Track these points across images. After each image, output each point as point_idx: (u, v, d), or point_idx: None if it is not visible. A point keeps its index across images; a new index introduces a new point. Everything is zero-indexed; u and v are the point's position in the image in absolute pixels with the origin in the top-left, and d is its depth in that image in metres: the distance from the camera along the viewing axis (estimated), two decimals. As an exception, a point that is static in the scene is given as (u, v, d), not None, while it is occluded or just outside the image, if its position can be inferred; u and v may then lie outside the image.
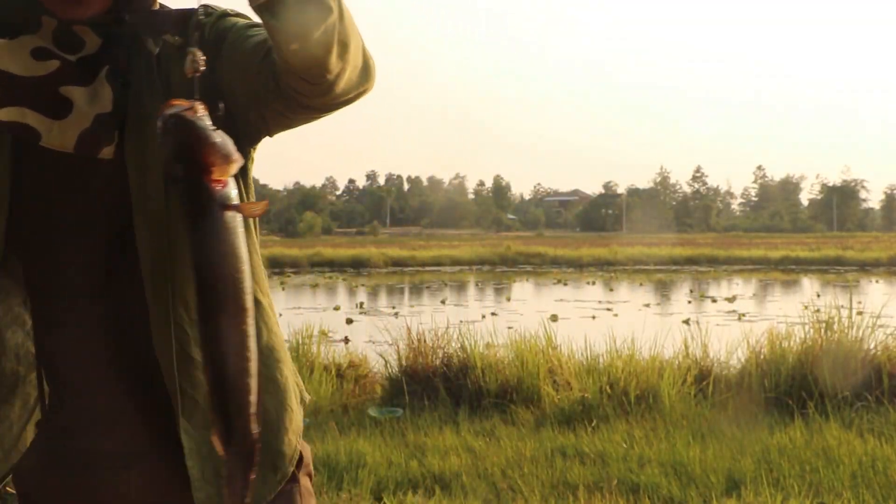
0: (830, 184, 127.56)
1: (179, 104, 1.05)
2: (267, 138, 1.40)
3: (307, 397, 1.48)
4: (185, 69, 1.13)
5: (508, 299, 20.12)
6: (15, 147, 1.31)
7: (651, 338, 6.77)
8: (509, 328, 7.56)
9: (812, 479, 4.41)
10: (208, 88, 1.22)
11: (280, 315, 1.60)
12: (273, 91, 1.19)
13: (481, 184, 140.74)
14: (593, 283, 25.53)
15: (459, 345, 6.57)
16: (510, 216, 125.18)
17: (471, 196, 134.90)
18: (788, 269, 31.88)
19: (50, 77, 1.26)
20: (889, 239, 56.87)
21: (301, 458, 1.40)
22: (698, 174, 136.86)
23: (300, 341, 7.09)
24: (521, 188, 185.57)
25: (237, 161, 1.06)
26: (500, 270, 34.03)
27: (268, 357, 1.40)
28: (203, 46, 1.26)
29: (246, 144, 1.36)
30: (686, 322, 10.69)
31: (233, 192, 1.07)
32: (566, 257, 38.54)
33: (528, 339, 6.68)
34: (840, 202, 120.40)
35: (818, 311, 7.26)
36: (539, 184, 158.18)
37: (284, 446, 1.37)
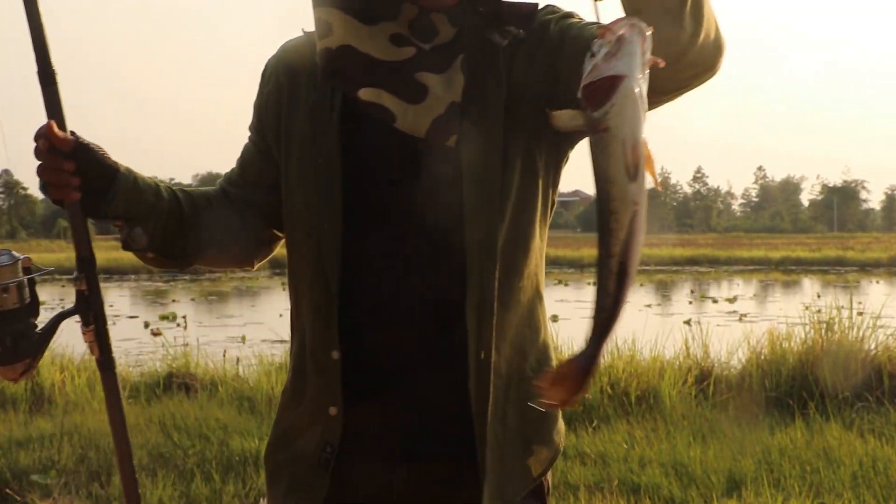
0: (831, 184, 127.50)
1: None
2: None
3: None
4: None
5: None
6: (360, 127, 1.33)
7: (652, 338, 6.77)
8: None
9: (813, 480, 4.41)
10: (550, 84, 1.29)
11: (280, 316, 1.63)
12: None
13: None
14: (594, 284, 25.43)
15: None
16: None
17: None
18: (789, 270, 31.84)
19: (406, 63, 1.30)
20: (889, 239, 56.79)
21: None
22: (699, 175, 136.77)
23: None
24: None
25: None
26: (500, 271, 33.89)
27: (542, 353, 1.41)
28: (547, 43, 1.32)
29: (568, 147, 1.41)
30: (687, 322, 10.68)
31: None
32: (567, 258, 38.47)
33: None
34: (840, 203, 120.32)
35: (819, 311, 7.26)
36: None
37: (537, 443, 1.39)
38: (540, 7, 1.37)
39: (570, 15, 1.36)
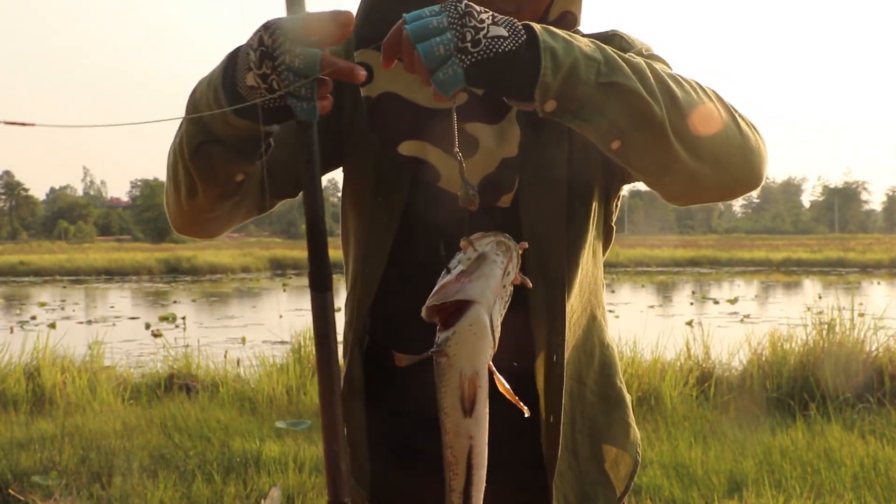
0: (832, 185, 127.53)
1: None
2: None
3: (629, 397, 1.44)
4: (460, 201, 1.00)
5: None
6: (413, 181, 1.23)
7: (653, 339, 6.77)
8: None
9: (814, 481, 4.40)
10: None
11: (281, 317, 1.60)
12: None
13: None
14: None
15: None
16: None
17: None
18: (790, 271, 31.83)
19: (456, 111, 1.14)
20: (890, 240, 56.79)
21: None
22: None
23: (302, 343, 7.09)
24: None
25: None
26: (501, 272, 33.90)
27: (598, 373, 1.36)
28: None
29: (622, 183, 1.32)
30: (688, 323, 10.68)
31: None
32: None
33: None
34: (842, 204, 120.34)
35: (820, 312, 7.26)
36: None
37: (612, 462, 1.33)
38: (613, 38, 1.26)
39: (641, 56, 1.23)
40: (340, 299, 1.38)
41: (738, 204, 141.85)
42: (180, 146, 1.12)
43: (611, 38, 1.26)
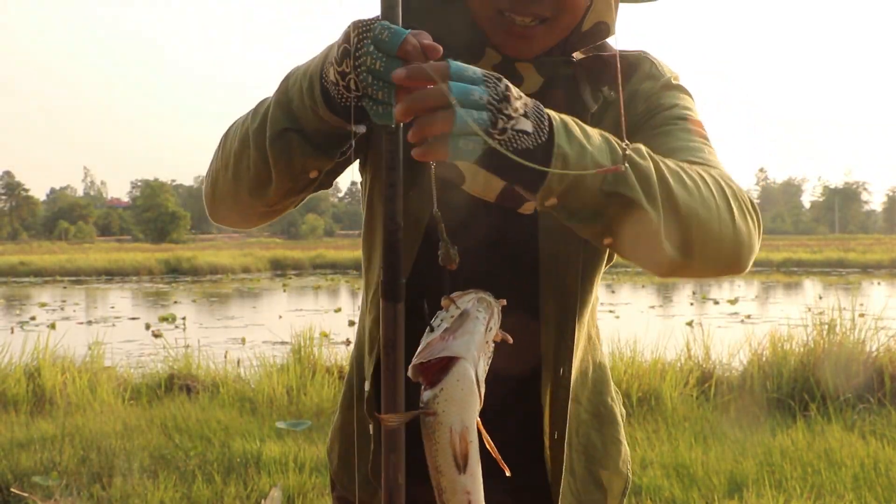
0: (832, 186, 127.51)
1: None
2: None
3: (624, 413, 1.44)
4: (440, 260, 1.00)
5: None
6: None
7: (653, 340, 6.77)
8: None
9: (814, 481, 4.40)
10: None
11: (280, 317, 1.60)
12: None
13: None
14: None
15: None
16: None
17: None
18: (790, 272, 31.83)
19: None
20: (891, 241, 56.77)
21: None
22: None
23: (302, 343, 7.09)
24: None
25: None
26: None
27: (591, 392, 1.37)
28: (630, 118, 1.20)
29: None
30: (688, 324, 10.68)
31: None
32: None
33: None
34: (842, 204, 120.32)
35: (820, 313, 7.26)
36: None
37: (606, 480, 1.34)
38: (642, 62, 1.25)
39: (669, 85, 1.25)
40: (340, 301, 1.37)
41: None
42: (260, 130, 1.09)
43: (640, 60, 1.26)
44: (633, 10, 1.35)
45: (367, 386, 1.29)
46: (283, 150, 1.08)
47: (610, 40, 1.27)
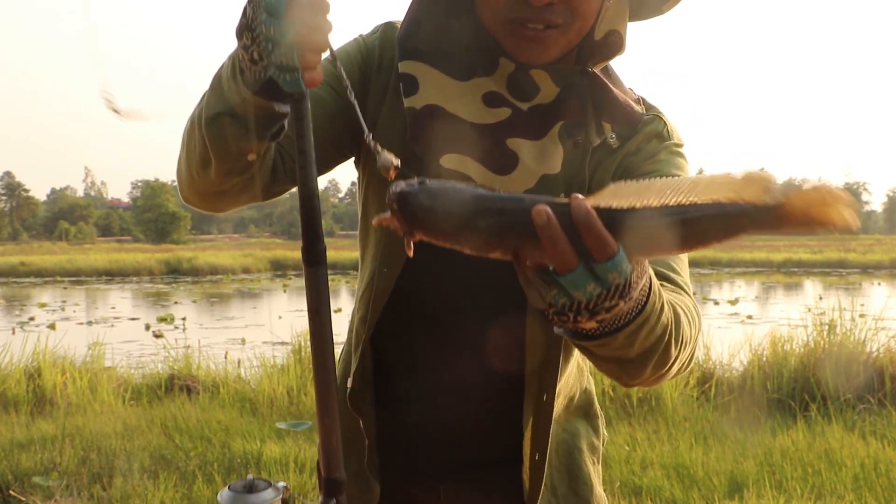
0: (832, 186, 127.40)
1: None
2: None
3: (606, 437, 1.45)
4: (378, 168, 0.99)
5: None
6: None
7: (653, 340, 6.76)
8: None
9: (814, 482, 4.40)
10: None
11: (280, 318, 1.60)
12: None
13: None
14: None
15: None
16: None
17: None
18: (791, 272, 31.82)
19: (499, 126, 1.15)
20: (891, 241, 56.74)
21: None
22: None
23: (302, 344, 7.09)
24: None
25: None
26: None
27: (574, 415, 1.38)
28: (626, 175, 1.17)
29: None
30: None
31: None
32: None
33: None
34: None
35: (821, 313, 7.25)
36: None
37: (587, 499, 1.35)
38: (655, 121, 1.23)
39: (673, 154, 1.22)
40: (340, 301, 1.37)
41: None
42: (199, 114, 1.10)
43: (652, 121, 1.24)
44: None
45: (349, 383, 1.30)
46: (217, 134, 1.08)
47: (624, 78, 1.25)
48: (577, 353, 1.32)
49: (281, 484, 1.03)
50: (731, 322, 12.96)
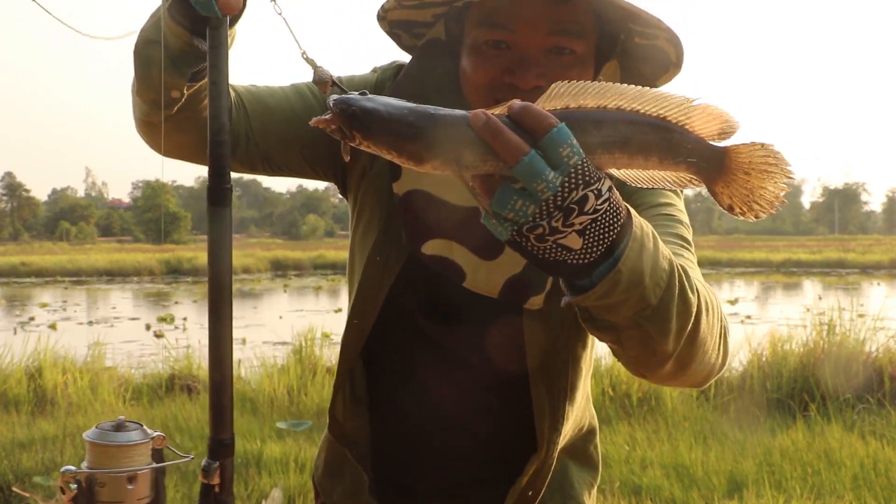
0: (832, 187, 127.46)
1: None
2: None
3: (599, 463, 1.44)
4: (314, 80, 0.98)
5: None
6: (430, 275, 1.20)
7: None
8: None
9: (814, 482, 4.41)
10: None
11: (281, 318, 1.61)
12: None
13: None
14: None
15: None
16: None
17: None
18: (790, 272, 31.80)
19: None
20: (891, 241, 56.76)
21: None
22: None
23: (303, 344, 7.10)
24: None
25: None
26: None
27: (577, 438, 1.37)
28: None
29: None
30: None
31: None
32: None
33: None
34: (842, 205, 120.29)
35: (820, 313, 7.26)
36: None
37: None
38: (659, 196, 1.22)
39: (662, 205, 1.21)
40: (340, 301, 1.38)
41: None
42: (139, 36, 1.09)
43: (658, 193, 1.23)
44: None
45: (339, 403, 1.34)
46: (145, 61, 1.07)
47: None
48: (583, 379, 1.30)
49: (156, 433, 1.00)
50: (731, 322, 12.79)
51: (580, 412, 1.34)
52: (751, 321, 12.78)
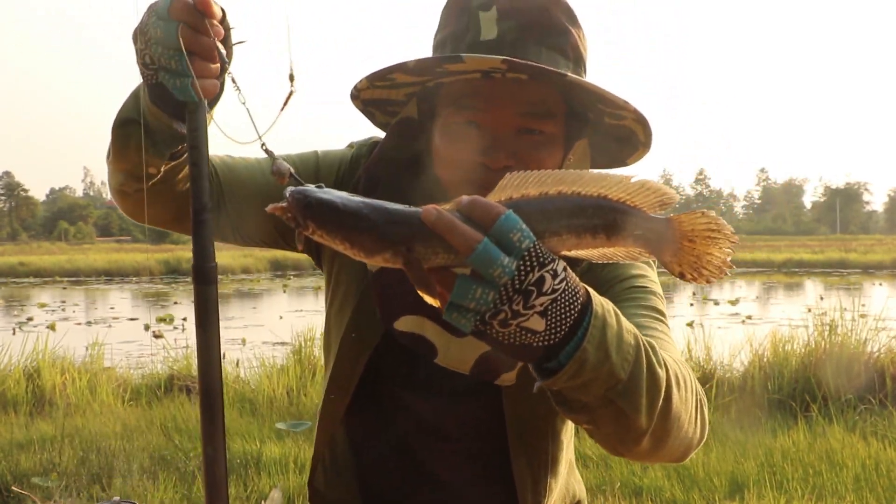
0: (834, 186, 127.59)
1: None
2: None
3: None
4: (272, 172, 1.00)
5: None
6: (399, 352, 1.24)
7: (654, 340, 6.75)
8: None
9: (815, 483, 4.39)
10: None
11: (281, 318, 1.60)
12: None
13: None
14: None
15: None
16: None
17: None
18: (792, 272, 31.81)
19: None
20: (892, 241, 56.78)
21: None
22: (701, 177, 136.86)
23: (302, 344, 7.08)
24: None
25: None
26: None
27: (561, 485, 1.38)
28: (598, 273, 1.19)
29: None
30: (689, 325, 10.67)
31: None
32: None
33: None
34: (843, 205, 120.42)
35: (822, 313, 7.25)
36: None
37: None
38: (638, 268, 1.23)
39: (634, 276, 1.23)
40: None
41: (739, 205, 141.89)
42: (117, 113, 1.10)
43: (629, 265, 1.25)
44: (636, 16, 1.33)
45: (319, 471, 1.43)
46: (124, 138, 1.08)
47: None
48: (565, 450, 1.32)
49: None
50: (732, 322, 12.94)
51: (564, 483, 1.36)
52: (752, 321, 12.77)
